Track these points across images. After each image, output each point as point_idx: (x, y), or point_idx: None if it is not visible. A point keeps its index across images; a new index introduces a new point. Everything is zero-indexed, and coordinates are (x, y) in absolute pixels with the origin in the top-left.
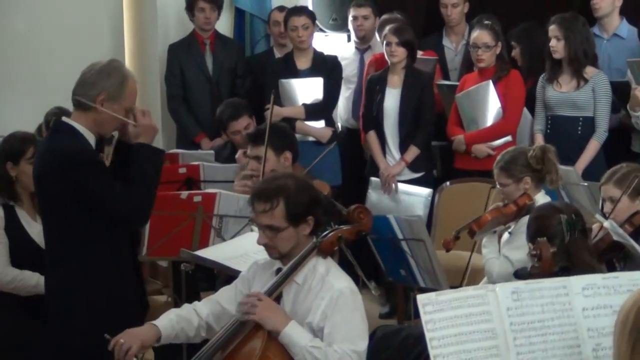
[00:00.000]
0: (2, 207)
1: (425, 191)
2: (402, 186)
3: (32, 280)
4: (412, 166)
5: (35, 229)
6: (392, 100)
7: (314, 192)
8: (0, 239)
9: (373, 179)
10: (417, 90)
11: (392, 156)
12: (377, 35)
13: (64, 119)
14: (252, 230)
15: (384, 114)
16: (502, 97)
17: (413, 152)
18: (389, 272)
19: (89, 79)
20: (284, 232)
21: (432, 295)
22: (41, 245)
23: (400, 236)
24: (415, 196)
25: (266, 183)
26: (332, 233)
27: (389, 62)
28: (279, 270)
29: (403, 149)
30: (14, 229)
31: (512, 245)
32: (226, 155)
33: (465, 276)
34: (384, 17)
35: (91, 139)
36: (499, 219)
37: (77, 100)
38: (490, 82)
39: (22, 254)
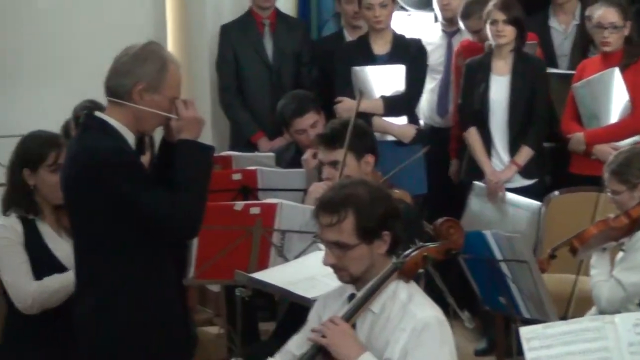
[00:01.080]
0: (20, 220)
1: (536, 204)
2: (509, 195)
3: (55, 283)
4: (524, 171)
5: (60, 247)
6: (499, 90)
7: (391, 203)
8: (19, 256)
9: (477, 183)
10: (530, 78)
11: (499, 158)
12: (460, 21)
13: (97, 113)
14: (320, 249)
15: (490, 107)
16: (631, 87)
17: (525, 153)
18: (485, 299)
19: (123, 66)
20: (354, 250)
21: (538, 327)
22: (67, 266)
23: (498, 256)
24: (524, 209)
25: (333, 191)
26: (415, 252)
27: (493, 44)
28: (351, 296)
29: (512, 149)
30: (35, 246)
31: (625, 266)
32: (289, 158)
33: (571, 303)
34: None
35: (130, 137)
36: (607, 234)
37: (111, 92)
38: (617, 70)
39: (45, 275)
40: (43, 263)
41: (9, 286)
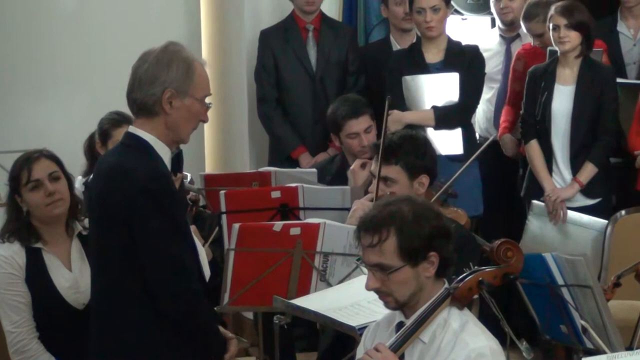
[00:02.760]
0: (25, 251)
1: (602, 222)
2: (572, 214)
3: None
4: (586, 189)
5: (64, 278)
6: (563, 100)
7: (438, 221)
8: (20, 298)
9: (536, 202)
10: (597, 88)
11: (559, 174)
12: (522, 24)
13: (133, 130)
14: (364, 273)
15: (552, 119)
16: None
17: (589, 170)
18: (545, 328)
19: (146, 74)
20: (398, 273)
21: (602, 358)
22: (68, 300)
23: (560, 281)
24: (589, 229)
25: (375, 209)
26: (470, 277)
27: (558, 51)
28: (400, 325)
29: (574, 165)
30: (37, 278)
31: None
32: (333, 173)
33: (637, 333)
34: None
35: (165, 153)
36: None
37: (139, 105)
38: None
39: (45, 311)
40: (43, 295)
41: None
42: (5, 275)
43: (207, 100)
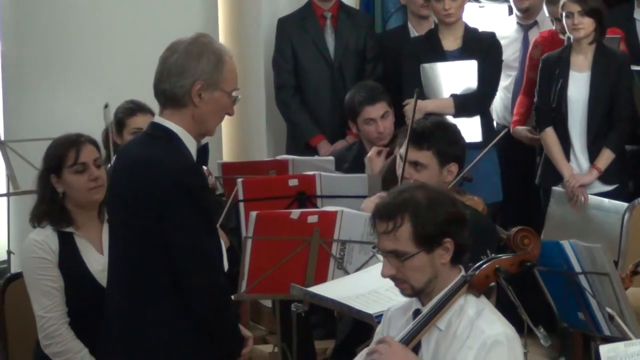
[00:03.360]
0: (57, 235)
1: (622, 205)
2: (593, 199)
3: (73, 346)
4: (603, 176)
5: (97, 262)
6: (578, 87)
7: (453, 208)
8: (52, 283)
9: (556, 189)
10: (612, 74)
11: (577, 161)
12: (545, 7)
13: (160, 120)
14: (380, 261)
15: (568, 106)
16: None
17: (606, 157)
18: (563, 315)
19: (176, 65)
20: (413, 260)
21: (620, 345)
22: (101, 283)
23: (577, 268)
24: (611, 212)
25: (389, 196)
26: (487, 264)
27: (565, 40)
28: (416, 312)
29: (592, 152)
30: (71, 262)
31: None
32: (351, 161)
33: None
34: None
35: (192, 145)
36: None
37: (167, 95)
38: None
39: (79, 295)
40: (77, 279)
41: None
42: (38, 260)
43: (235, 93)
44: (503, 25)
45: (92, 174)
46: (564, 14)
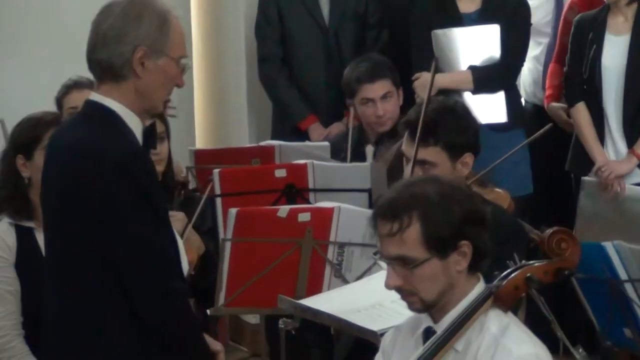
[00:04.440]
0: (15, 230)
1: None
2: (633, 190)
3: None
4: None
5: None
6: (615, 54)
7: (471, 204)
8: (5, 286)
9: (586, 179)
10: None
11: (613, 144)
12: None
13: (97, 98)
14: (382, 268)
15: (602, 76)
16: None
17: None
18: (605, 331)
19: (112, 30)
20: (423, 267)
21: None
22: None
23: (623, 275)
24: None
25: (395, 191)
26: (516, 273)
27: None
28: (427, 331)
29: (631, 133)
30: (30, 263)
31: None
32: (352, 148)
33: None
34: None
35: (137, 126)
36: None
37: (103, 67)
38: None
39: (38, 302)
40: (37, 284)
41: None
42: None
43: (184, 61)
44: None
45: None
46: None
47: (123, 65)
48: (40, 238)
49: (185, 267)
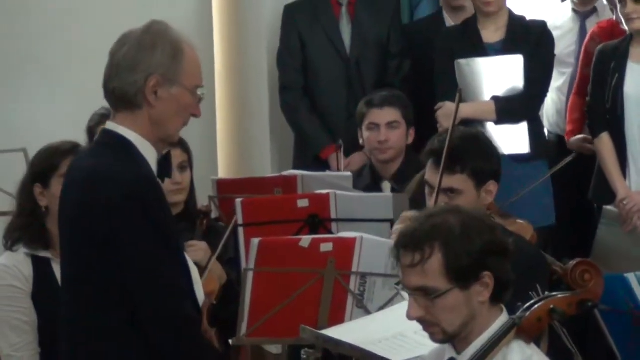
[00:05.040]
0: (31, 260)
1: None
2: None
3: None
4: None
5: None
6: (637, 82)
7: (492, 235)
8: (21, 316)
9: (608, 208)
10: None
11: (637, 172)
12: None
13: (112, 127)
14: (405, 299)
15: (625, 105)
16: None
17: None
18: None
19: (125, 59)
20: (445, 298)
21: None
22: None
23: None
24: None
25: (417, 222)
26: (540, 304)
27: (627, 29)
28: None
29: None
30: (47, 294)
31: None
32: (367, 185)
33: None
34: None
35: (151, 155)
36: None
37: (117, 96)
38: None
39: (55, 333)
40: (54, 314)
41: None
42: (6, 289)
43: (200, 91)
44: (556, 13)
45: None
46: (617, 2)
47: (136, 93)
48: (57, 269)
49: (201, 296)
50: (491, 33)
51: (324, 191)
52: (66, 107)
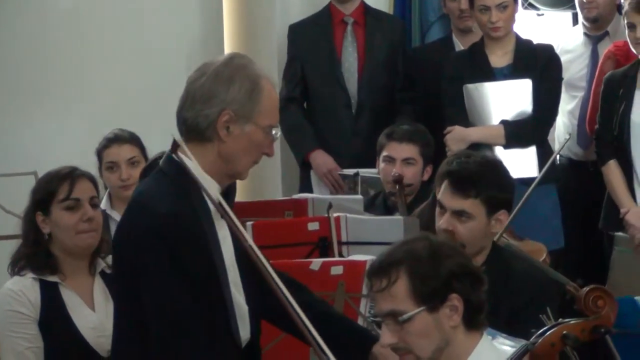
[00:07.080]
0: (39, 285)
1: None
2: None
3: None
4: None
5: (85, 318)
6: None
7: (459, 258)
8: (26, 343)
9: (620, 235)
10: None
11: None
12: (619, 15)
13: (179, 154)
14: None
15: (631, 132)
16: None
17: None
18: None
19: (201, 90)
20: (414, 322)
21: None
22: (91, 343)
23: None
24: None
25: (387, 250)
26: (553, 330)
27: (636, 53)
28: None
29: None
30: (54, 319)
31: None
32: (382, 199)
33: None
34: None
35: (212, 187)
36: None
37: (189, 126)
38: None
39: (61, 358)
40: (62, 340)
41: None
42: (12, 314)
43: (274, 131)
44: (567, 37)
45: (86, 213)
46: (625, 24)
47: (208, 126)
48: (65, 293)
49: (245, 333)
50: (499, 57)
51: (336, 214)
52: (77, 131)
